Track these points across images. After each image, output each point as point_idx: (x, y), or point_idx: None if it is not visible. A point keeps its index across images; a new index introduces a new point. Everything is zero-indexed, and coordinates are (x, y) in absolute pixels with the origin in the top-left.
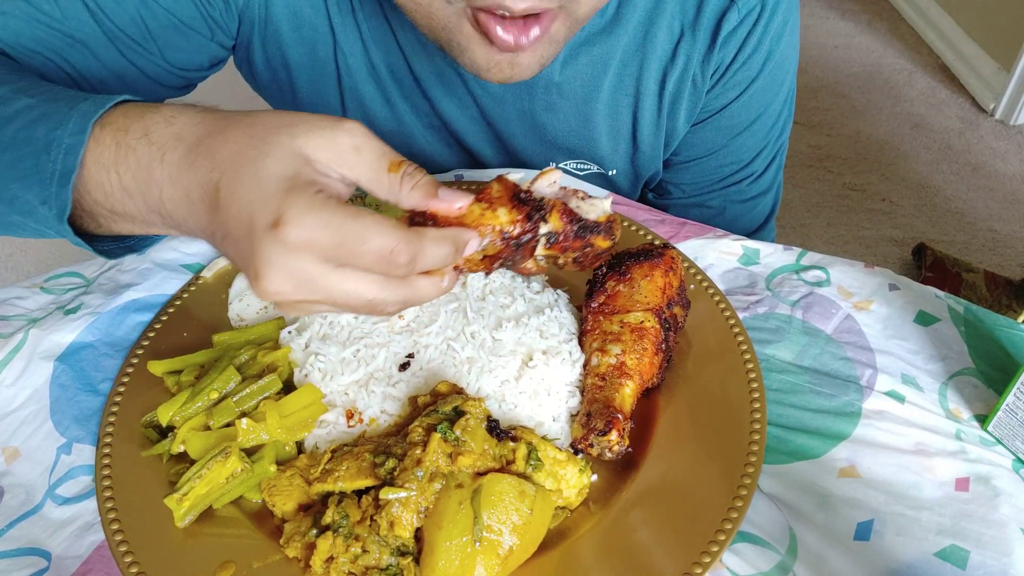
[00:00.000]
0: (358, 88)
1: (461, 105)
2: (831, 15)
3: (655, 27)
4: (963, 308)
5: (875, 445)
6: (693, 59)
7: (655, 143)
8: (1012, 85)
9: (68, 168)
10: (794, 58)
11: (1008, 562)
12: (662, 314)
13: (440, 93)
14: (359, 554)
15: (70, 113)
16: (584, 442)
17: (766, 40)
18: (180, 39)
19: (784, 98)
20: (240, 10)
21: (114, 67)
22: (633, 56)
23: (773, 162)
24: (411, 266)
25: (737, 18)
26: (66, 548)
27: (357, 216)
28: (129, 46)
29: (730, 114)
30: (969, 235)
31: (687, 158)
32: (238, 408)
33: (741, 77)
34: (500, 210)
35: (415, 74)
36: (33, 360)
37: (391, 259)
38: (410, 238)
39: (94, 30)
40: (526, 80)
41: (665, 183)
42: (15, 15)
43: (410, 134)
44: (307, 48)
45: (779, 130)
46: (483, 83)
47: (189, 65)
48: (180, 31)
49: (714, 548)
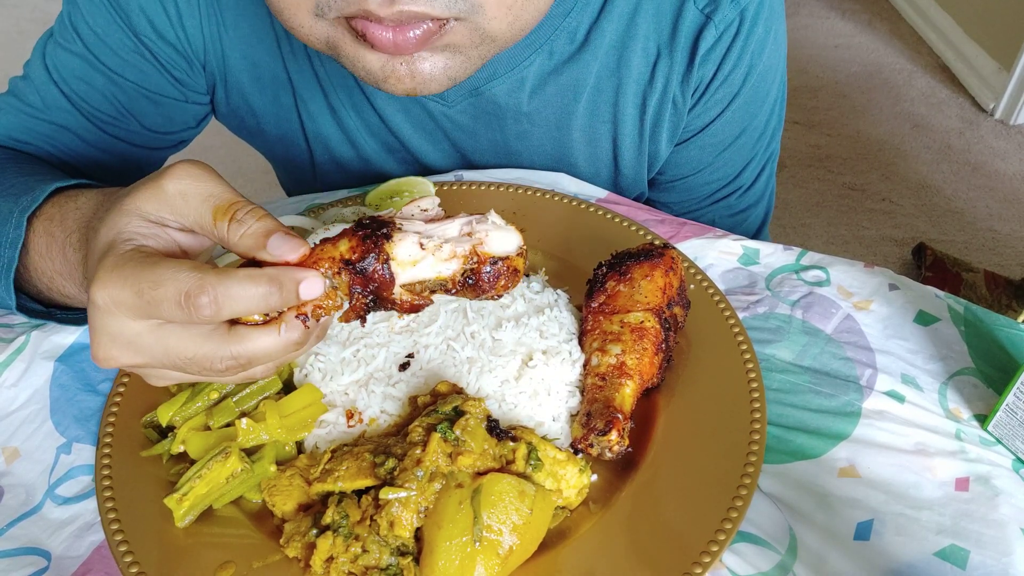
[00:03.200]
0: (321, 132)
1: (431, 139)
2: (831, 15)
3: (629, 51)
4: (963, 308)
5: (875, 445)
6: (672, 80)
7: (638, 166)
8: (1012, 85)
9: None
10: (780, 67)
11: (1008, 562)
12: (662, 314)
13: (409, 130)
14: (359, 554)
15: (14, 208)
16: (584, 442)
17: (747, 54)
18: (152, 107)
19: (770, 108)
20: (203, 63)
21: (100, 144)
22: (607, 81)
23: (762, 173)
24: (215, 310)
25: (715, 35)
26: (66, 548)
27: (153, 263)
28: (108, 123)
29: (714, 131)
30: (969, 235)
31: (673, 177)
32: (238, 408)
33: (723, 94)
34: (341, 241)
35: (379, 112)
36: (34, 361)
37: (189, 303)
38: (207, 279)
39: (74, 115)
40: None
41: (653, 202)
42: (7, 111)
43: (380, 170)
44: (270, 96)
45: (767, 140)
46: (451, 116)
47: (171, 128)
48: (151, 100)
49: (714, 548)
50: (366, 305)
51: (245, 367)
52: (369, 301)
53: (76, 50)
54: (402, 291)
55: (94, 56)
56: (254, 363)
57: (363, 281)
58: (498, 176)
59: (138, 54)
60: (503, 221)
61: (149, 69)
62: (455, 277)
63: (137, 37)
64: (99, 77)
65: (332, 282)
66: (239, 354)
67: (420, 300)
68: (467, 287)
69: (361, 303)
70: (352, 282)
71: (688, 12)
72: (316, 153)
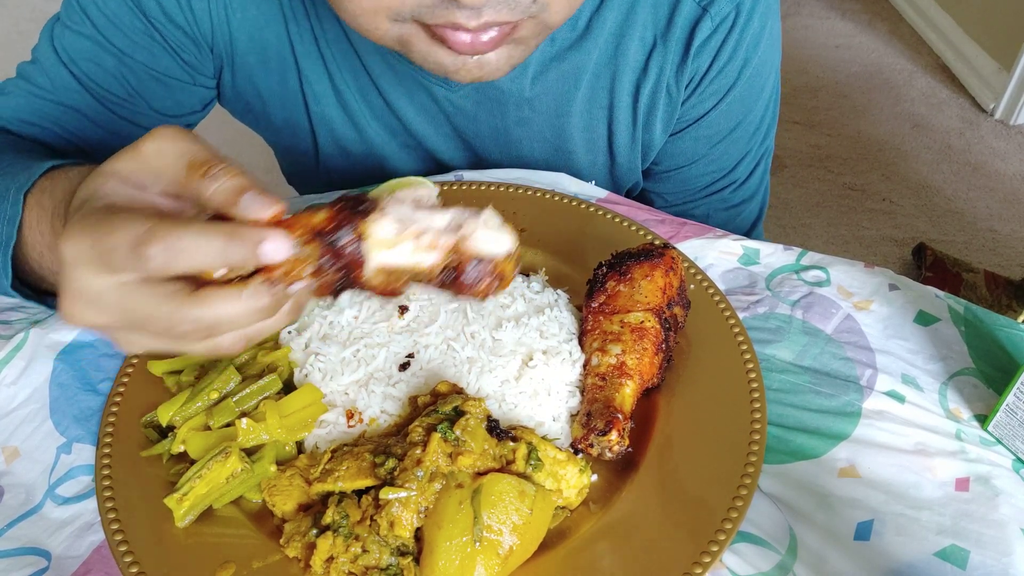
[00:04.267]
0: (326, 114)
1: (434, 123)
2: (831, 15)
3: (626, 39)
4: (963, 308)
5: (875, 445)
6: (666, 70)
7: (632, 155)
8: (1012, 85)
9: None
10: (775, 62)
11: (1008, 562)
12: (662, 314)
13: (411, 112)
14: (359, 554)
15: (11, 185)
16: (584, 442)
17: (742, 47)
18: (164, 90)
19: (765, 103)
20: (211, 46)
21: (108, 126)
22: (605, 68)
23: (757, 168)
24: (165, 260)
25: (711, 27)
26: (66, 548)
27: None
28: (117, 104)
29: (709, 123)
30: (969, 235)
31: (668, 168)
32: (238, 408)
33: (718, 86)
34: (320, 212)
35: (384, 96)
36: (33, 359)
37: (139, 252)
38: (159, 228)
39: (83, 95)
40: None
41: (648, 193)
42: (15, 93)
43: (383, 156)
44: (276, 77)
45: (762, 136)
46: (454, 101)
47: (180, 110)
48: (161, 82)
49: (714, 548)
50: (337, 281)
51: (209, 333)
52: (340, 278)
53: (86, 32)
54: (376, 273)
55: (104, 38)
56: (217, 329)
57: (334, 255)
58: (498, 176)
59: (148, 36)
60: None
61: (159, 51)
62: (434, 270)
63: (147, 19)
64: (109, 58)
65: (302, 251)
66: (199, 317)
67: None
68: (446, 283)
69: (330, 278)
70: (323, 253)
71: (685, 4)
72: (320, 137)
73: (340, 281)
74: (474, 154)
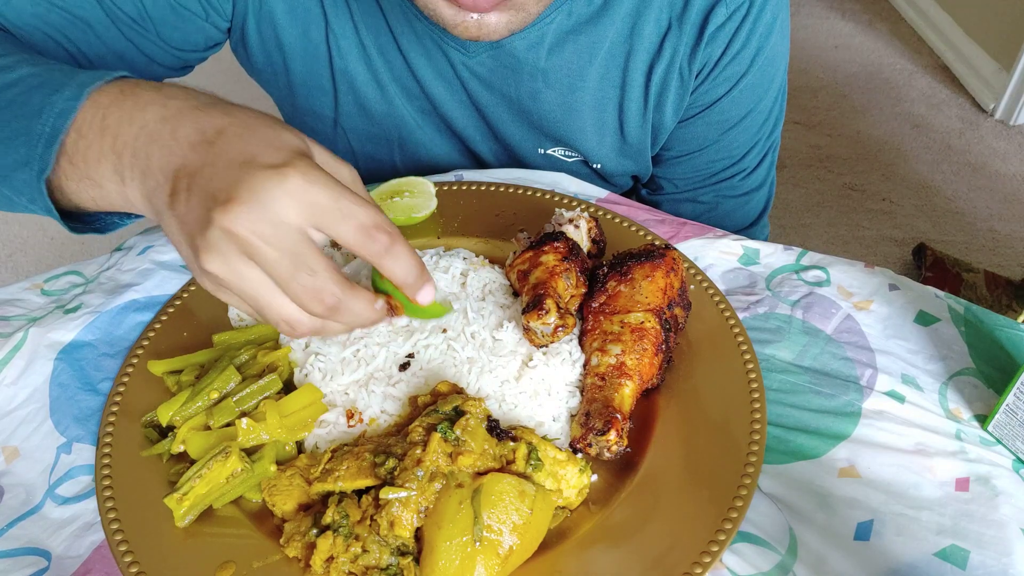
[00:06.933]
0: (349, 69)
1: (450, 88)
2: (831, 15)
3: (643, 18)
4: (963, 308)
5: (875, 445)
6: (679, 53)
7: (642, 137)
8: (1012, 85)
9: (56, 130)
10: (784, 55)
11: (1008, 562)
12: (663, 315)
13: (429, 75)
14: (359, 554)
15: (68, 82)
16: (583, 442)
17: (755, 36)
18: (176, 19)
19: (775, 94)
20: None
21: (113, 46)
22: (620, 47)
23: (765, 158)
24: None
25: (725, 14)
26: (66, 548)
27: (357, 195)
28: (128, 25)
29: (720, 109)
30: (969, 235)
31: (678, 153)
32: (238, 408)
33: (730, 72)
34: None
35: (404, 55)
36: (33, 359)
37: (370, 233)
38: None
39: (95, 9)
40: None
41: (657, 178)
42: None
43: (401, 116)
44: (300, 29)
45: (771, 126)
46: (470, 66)
47: (185, 46)
48: (176, 11)
49: (714, 548)
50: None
51: (331, 315)
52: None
53: None
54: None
55: None
56: (339, 315)
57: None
58: (498, 176)
59: None
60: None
61: None
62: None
63: None
64: None
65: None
66: (341, 300)
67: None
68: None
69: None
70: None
71: None
72: (340, 93)
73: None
74: (487, 123)
